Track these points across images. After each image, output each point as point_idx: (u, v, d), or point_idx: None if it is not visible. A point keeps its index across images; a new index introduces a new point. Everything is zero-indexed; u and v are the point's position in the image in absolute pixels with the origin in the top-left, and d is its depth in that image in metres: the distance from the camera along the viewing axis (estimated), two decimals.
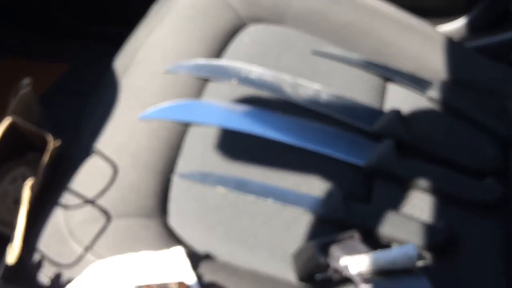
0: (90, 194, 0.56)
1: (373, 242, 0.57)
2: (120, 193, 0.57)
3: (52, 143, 0.56)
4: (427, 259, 0.56)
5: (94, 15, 1.04)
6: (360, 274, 0.44)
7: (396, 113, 0.65)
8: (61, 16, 1.05)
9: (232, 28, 0.73)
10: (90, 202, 0.55)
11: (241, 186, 0.59)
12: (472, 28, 0.83)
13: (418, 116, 0.68)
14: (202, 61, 0.68)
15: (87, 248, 0.53)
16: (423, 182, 0.61)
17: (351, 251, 0.47)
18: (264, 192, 0.59)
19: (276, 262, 0.56)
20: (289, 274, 0.55)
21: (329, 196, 0.59)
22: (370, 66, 0.71)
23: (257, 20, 0.74)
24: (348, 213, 0.58)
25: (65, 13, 1.04)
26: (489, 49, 0.81)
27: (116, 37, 0.75)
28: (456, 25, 0.84)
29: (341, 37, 0.74)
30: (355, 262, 0.44)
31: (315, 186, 0.60)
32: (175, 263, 0.51)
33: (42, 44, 1.08)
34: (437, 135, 0.66)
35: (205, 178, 0.59)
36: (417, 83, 0.70)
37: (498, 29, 0.81)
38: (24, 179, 0.55)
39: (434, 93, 0.68)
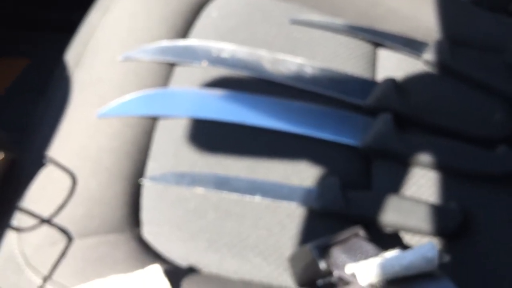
0: (46, 211, 0.49)
1: (379, 232, 0.52)
2: (81, 207, 0.50)
3: None
4: (439, 246, 0.50)
5: (52, 3, 0.97)
6: (371, 286, 0.37)
7: (391, 83, 0.59)
8: (14, 7, 0.97)
9: (197, 1, 0.66)
10: (46, 221, 0.48)
11: (222, 184, 0.53)
12: None
13: (416, 83, 0.62)
14: (165, 43, 0.62)
15: (46, 278, 0.46)
16: (428, 158, 0.55)
17: (357, 254, 0.40)
18: (250, 188, 0.53)
19: (270, 268, 0.49)
20: (287, 280, 0.49)
21: (324, 185, 0.53)
22: (357, 31, 0.65)
23: None
24: (348, 203, 0.52)
25: (18, 4, 0.96)
26: (486, 1, 0.74)
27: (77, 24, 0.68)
28: None
29: (321, 1, 0.68)
30: (364, 270, 0.37)
31: (308, 176, 0.54)
32: (152, 284, 0.44)
33: None
34: (439, 103, 0.60)
35: (180, 180, 0.52)
36: (411, 45, 0.64)
37: None
38: None
39: (430, 55, 0.62)
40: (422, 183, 0.55)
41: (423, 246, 0.37)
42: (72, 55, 0.62)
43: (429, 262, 0.36)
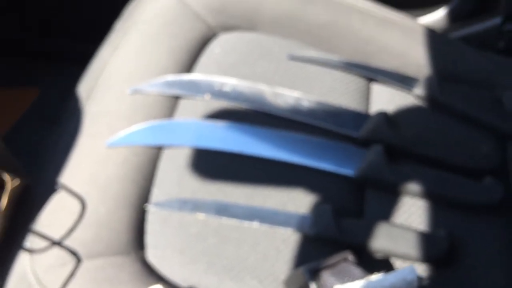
0: (57, 234, 0.52)
1: (370, 258, 0.54)
2: (90, 230, 0.52)
3: (10, 183, 0.51)
4: (427, 272, 0.52)
5: (62, 32, 1.00)
6: None
7: (383, 116, 0.62)
8: (26, 38, 1.01)
9: (201, 39, 0.69)
10: (57, 243, 0.51)
11: (222, 210, 0.55)
12: (455, 17, 0.79)
13: (406, 116, 0.64)
14: (171, 77, 0.64)
15: None
16: (417, 188, 0.57)
17: (345, 277, 0.43)
18: (248, 214, 0.55)
19: None
20: None
21: (319, 213, 0.55)
22: (351, 67, 0.68)
23: (228, 28, 0.70)
24: (340, 230, 0.54)
25: (30, 34, 1.00)
26: (475, 38, 0.77)
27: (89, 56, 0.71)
28: (437, 16, 0.81)
29: (318, 39, 0.70)
30: None
31: (303, 203, 0.56)
32: None
33: (8, 70, 1.03)
34: (428, 135, 0.62)
35: (183, 206, 0.55)
36: (402, 81, 0.66)
37: (482, 16, 0.78)
38: None
39: (420, 90, 0.65)
40: (412, 211, 0.57)
41: (403, 270, 0.39)
42: (84, 88, 0.64)
43: (409, 285, 0.39)
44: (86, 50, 0.71)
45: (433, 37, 0.70)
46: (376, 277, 0.41)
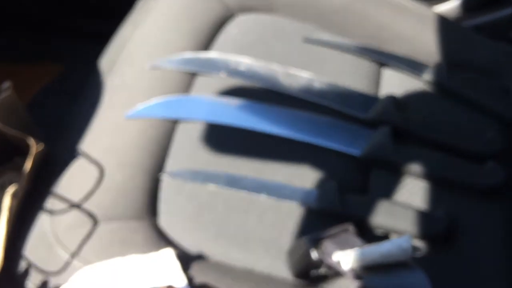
0: (76, 198, 0.55)
1: (371, 233, 0.56)
2: (107, 195, 0.55)
3: (35, 148, 0.54)
4: (425, 249, 0.54)
5: (85, 11, 1.03)
6: (352, 270, 0.42)
7: (391, 99, 0.63)
8: (52, 16, 1.04)
9: (219, 19, 0.71)
10: (76, 206, 0.54)
11: (232, 182, 0.57)
12: (469, 7, 0.80)
13: (414, 100, 0.66)
14: (189, 54, 0.66)
15: (74, 254, 0.51)
16: (421, 169, 0.59)
17: (345, 245, 0.45)
18: (257, 187, 0.57)
19: (271, 259, 0.54)
20: (285, 271, 0.53)
21: (324, 188, 0.57)
22: (364, 52, 0.69)
23: (246, 9, 0.72)
24: (344, 205, 0.56)
25: (53, 11, 1.03)
26: (487, 27, 0.78)
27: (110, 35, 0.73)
28: (451, 5, 0.82)
29: (333, 23, 0.72)
30: (348, 257, 0.42)
31: (309, 179, 0.59)
32: (164, 265, 0.50)
33: (33, 44, 1.07)
34: (435, 120, 0.64)
35: (195, 176, 0.57)
36: (413, 66, 0.68)
37: (495, 5, 0.78)
38: (12, 184, 0.54)
39: (430, 76, 0.66)
40: (415, 191, 0.59)
41: (400, 238, 0.42)
42: (105, 62, 0.67)
43: (404, 252, 0.41)
44: (109, 28, 0.73)
45: (445, 25, 0.71)
46: (372, 245, 0.43)
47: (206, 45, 0.69)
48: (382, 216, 0.55)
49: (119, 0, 0.78)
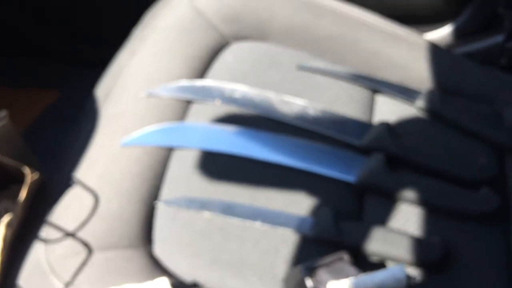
0: (71, 226, 0.55)
1: (366, 261, 0.56)
2: (102, 223, 0.55)
3: (30, 176, 0.54)
4: (420, 275, 0.54)
5: (81, 36, 1.04)
6: None
7: (385, 126, 0.64)
8: (49, 41, 1.05)
9: (215, 47, 0.72)
10: (71, 235, 0.54)
11: (227, 209, 0.58)
12: (460, 34, 0.81)
13: (408, 127, 0.66)
14: (184, 82, 0.67)
15: (68, 284, 0.51)
16: (415, 195, 0.59)
17: (340, 275, 0.45)
18: (252, 214, 0.58)
19: (266, 287, 0.54)
20: None
21: (319, 215, 0.57)
22: (357, 79, 0.70)
23: (240, 37, 0.73)
24: (339, 232, 0.56)
25: (51, 38, 1.04)
26: (478, 54, 0.79)
27: (107, 60, 0.74)
28: (443, 32, 0.83)
29: (326, 51, 0.73)
30: (341, 287, 0.42)
31: (304, 206, 0.59)
32: None
33: (30, 71, 1.07)
34: (428, 146, 0.64)
35: (190, 204, 0.58)
36: (406, 93, 0.69)
37: (486, 33, 0.80)
38: (7, 213, 0.54)
39: (422, 102, 0.67)
40: (410, 218, 0.59)
41: (394, 267, 0.42)
42: (101, 90, 0.68)
43: (398, 282, 0.41)
44: (105, 55, 0.74)
45: (437, 52, 0.73)
46: (367, 274, 0.43)
47: (202, 72, 0.69)
48: (377, 243, 0.55)
49: (116, 27, 0.79)
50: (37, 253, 0.54)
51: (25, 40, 1.05)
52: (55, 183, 0.59)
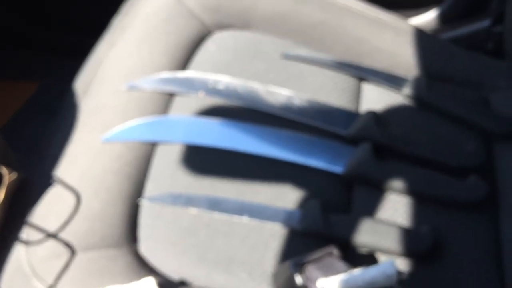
0: (52, 227, 0.53)
1: (355, 253, 0.55)
2: (85, 223, 0.54)
3: (8, 177, 0.52)
4: (410, 267, 0.53)
5: (62, 26, 1.01)
6: None
7: (372, 115, 0.63)
8: (26, 30, 1.02)
9: (196, 36, 0.70)
10: (53, 236, 0.52)
11: (214, 205, 0.56)
12: (446, 19, 0.80)
13: (395, 115, 0.65)
14: (166, 74, 0.65)
15: (51, 287, 0.50)
16: (403, 185, 0.59)
17: (329, 270, 0.44)
18: (239, 209, 0.57)
19: (255, 283, 0.53)
20: None
21: (307, 208, 0.57)
22: (343, 67, 0.69)
23: (223, 26, 0.72)
24: (328, 225, 0.55)
25: (30, 26, 1.01)
26: (465, 39, 0.78)
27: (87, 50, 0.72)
28: (428, 17, 0.82)
29: (311, 38, 0.72)
30: (332, 284, 0.41)
31: (292, 199, 0.58)
32: None
33: (8, 63, 1.05)
34: (415, 134, 0.64)
35: (175, 200, 0.56)
36: (392, 81, 0.68)
37: (473, 17, 0.79)
38: None
39: (409, 90, 0.66)
40: (397, 208, 0.59)
41: (384, 264, 0.41)
42: (80, 84, 0.66)
43: (389, 278, 0.41)
44: (84, 45, 0.72)
45: (423, 38, 0.72)
46: (357, 270, 0.43)
47: (184, 63, 0.68)
48: (366, 235, 0.55)
49: (95, 15, 0.77)
50: (18, 255, 0.53)
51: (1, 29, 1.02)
52: (35, 181, 0.58)
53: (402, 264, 0.54)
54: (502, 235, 0.57)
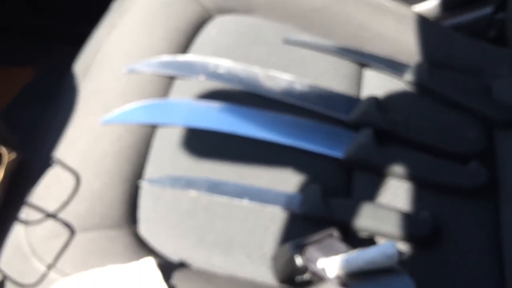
0: (52, 207, 0.53)
1: (355, 237, 0.55)
2: (84, 204, 0.54)
3: (7, 156, 0.52)
4: (410, 250, 0.53)
5: (58, 12, 1.00)
6: (338, 277, 0.41)
7: (373, 100, 0.63)
8: (23, 15, 1.01)
9: (197, 21, 0.70)
10: (52, 216, 0.52)
11: (214, 188, 0.56)
12: (448, 6, 0.80)
13: (396, 101, 0.65)
14: (166, 57, 0.65)
15: (50, 266, 0.50)
16: (404, 171, 0.59)
17: (329, 251, 0.44)
18: (239, 192, 0.56)
19: (254, 265, 0.53)
20: (269, 277, 0.52)
21: (307, 192, 0.56)
22: (345, 52, 0.69)
23: (224, 11, 0.71)
24: (328, 209, 0.55)
25: (27, 12, 1.00)
26: (467, 26, 0.78)
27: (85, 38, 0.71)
28: (431, 4, 0.81)
29: (313, 24, 0.71)
30: (332, 264, 0.41)
31: (292, 182, 0.58)
32: (145, 275, 0.48)
33: (6, 49, 1.04)
34: (417, 120, 0.64)
35: (175, 183, 0.56)
36: (394, 67, 0.68)
37: (475, 5, 0.79)
38: None
39: (410, 76, 0.66)
40: (399, 193, 0.59)
41: (385, 244, 0.41)
42: (80, 67, 0.65)
43: (389, 258, 0.40)
44: (83, 31, 0.71)
45: (426, 25, 0.71)
46: (358, 251, 0.43)
47: (184, 47, 0.67)
48: (366, 219, 0.55)
49: (96, 2, 0.76)
50: (17, 235, 0.53)
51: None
52: (34, 163, 0.57)
53: (402, 249, 0.54)
54: (502, 222, 0.57)
